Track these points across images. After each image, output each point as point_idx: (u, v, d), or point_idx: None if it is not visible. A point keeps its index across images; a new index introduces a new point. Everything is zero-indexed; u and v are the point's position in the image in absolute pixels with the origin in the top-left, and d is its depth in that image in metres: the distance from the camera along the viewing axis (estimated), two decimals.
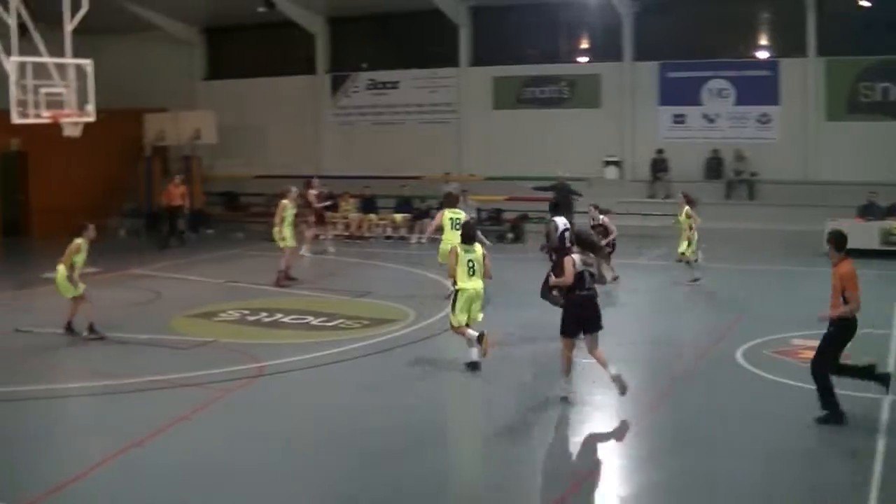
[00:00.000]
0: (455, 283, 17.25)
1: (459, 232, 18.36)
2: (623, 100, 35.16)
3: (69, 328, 20.01)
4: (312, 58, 40.09)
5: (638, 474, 12.38)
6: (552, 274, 18.11)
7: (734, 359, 17.32)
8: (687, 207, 25.42)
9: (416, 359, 18.00)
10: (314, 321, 21.10)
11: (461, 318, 16.93)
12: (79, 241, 19.76)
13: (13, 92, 19.87)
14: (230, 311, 22.17)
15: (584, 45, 37.16)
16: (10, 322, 21.43)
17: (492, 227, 33.86)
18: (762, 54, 34.66)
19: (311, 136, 40.13)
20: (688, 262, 25.25)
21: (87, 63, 21.23)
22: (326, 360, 17.89)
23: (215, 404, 15.29)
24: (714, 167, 34.06)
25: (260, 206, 39.04)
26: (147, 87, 41.66)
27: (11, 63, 19.77)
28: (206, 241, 35.85)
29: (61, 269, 19.63)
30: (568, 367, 15.08)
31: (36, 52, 20.81)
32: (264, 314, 21.89)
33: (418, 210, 34.85)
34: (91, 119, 21.49)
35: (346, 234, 34.87)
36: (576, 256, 15.16)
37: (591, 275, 15.19)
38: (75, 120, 21.18)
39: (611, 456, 13.04)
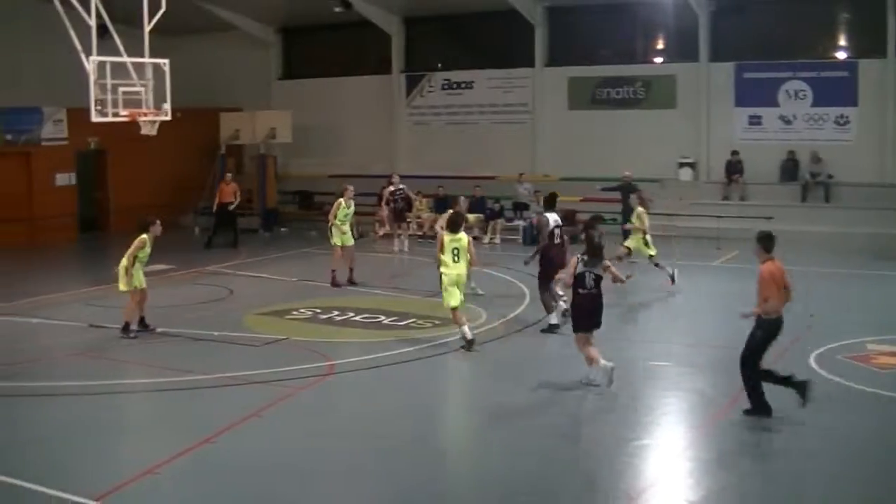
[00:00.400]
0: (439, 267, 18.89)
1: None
2: (698, 101, 34.87)
3: (142, 323, 20.29)
4: (388, 58, 40.18)
5: (707, 478, 12.28)
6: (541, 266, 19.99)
7: (807, 363, 17.09)
8: (640, 209, 25.09)
9: (488, 358, 18.01)
10: (386, 320, 21.15)
11: (453, 300, 18.39)
12: (144, 236, 20.04)
13: (92, 91, 20.12)
14: (302, 310, 22.29)
15: (660, 45, 36.94)
16: (85, 317, 21.75)
17: (565, 227, 33.65)
18: (840, 55, 34.25)
19: (386, 136, 40.23)
20: (657, 264, 24.90)
21: (165, 62, 21.47)
22: (397, 359, 17.94)
23: (286, 402, 15.39)
24: (790, 169, 33.69)
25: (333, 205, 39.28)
26: (223, 86, 42.07)
27: (91, 63, 20.02)
28: (280, 239, 36.10)
29: (124, 262, 19.94)
30: (593, 358, 15.71)
31: (115, 52, 21.05)
32: (336, 313, 21.99)
33: (491, 210, 34.78)
34: (167, 118, 21.71)
35: (420, 233, 34.90)
36: (579, 256, 16.06)
37: (597, 277, 15.88)
38: (152, 119, 21.41)
39: (679, 459, 12.95)
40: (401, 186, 32.31)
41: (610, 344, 16.84)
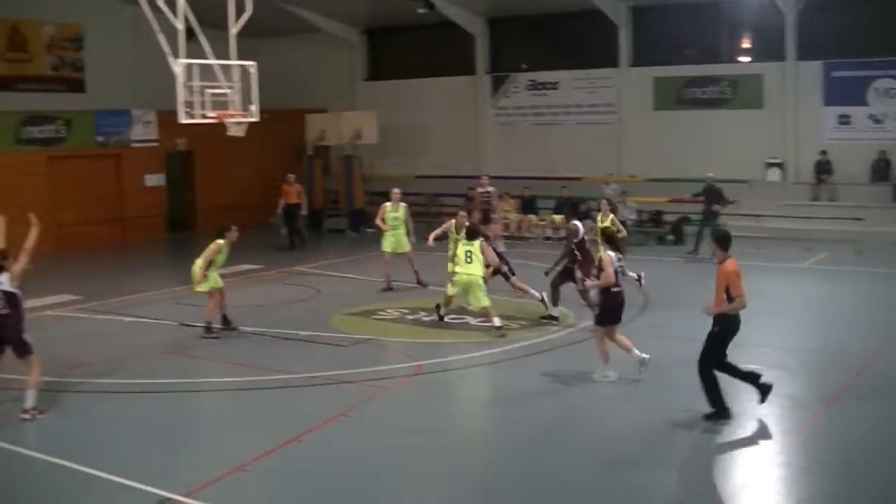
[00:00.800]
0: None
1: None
2: (786, 100, 34.45)
3: (225, 321, 20.60)
4: (472, 58, 40.20)
5: (798, 484, 12.16)
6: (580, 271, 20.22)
7: None
8: (611, 216, 24.40)
9: (574, 360, 17.96)
10: (473, 321, 21.14)
11: (485, 300, 20.12)
12: (220, 241, 20.31)
13: (180, 93, 20.36)
14: (389, 310, 22.37)
15: (746, 44, 36.54)
16: (175, 316, 22.02)
17: (652, 228, 33.59)
18: None
19: (471, 137, 40.26)
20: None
21: (251, 64, 21.68)
22: (484, 360, 17.97)
23: (373, 402, 15.46)
24: (881, 169, 33.13)
25: (419, 205, 39.39)
26: (308, 87, 42.40)
27: (179, 65, 20.26)
28: (367, 239, 36.23)
29: (199, 263, 20.22)
30: (628, 348, 16.38)
31: (202, 55, 21.30)
32: (423, 313, 22.01)
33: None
34: (254, 119, 21.92)
35: (506, 234, 34.85)
36: (612, 254, 16.27)
37: (623, 272, 16.57)
38: (239, 120, 21.64)
39: (769, 465, 12.81)
40: (489, 189, 32.12)
41: (698, 346, 16.67)
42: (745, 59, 36.32)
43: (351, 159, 39.50)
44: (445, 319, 20.97)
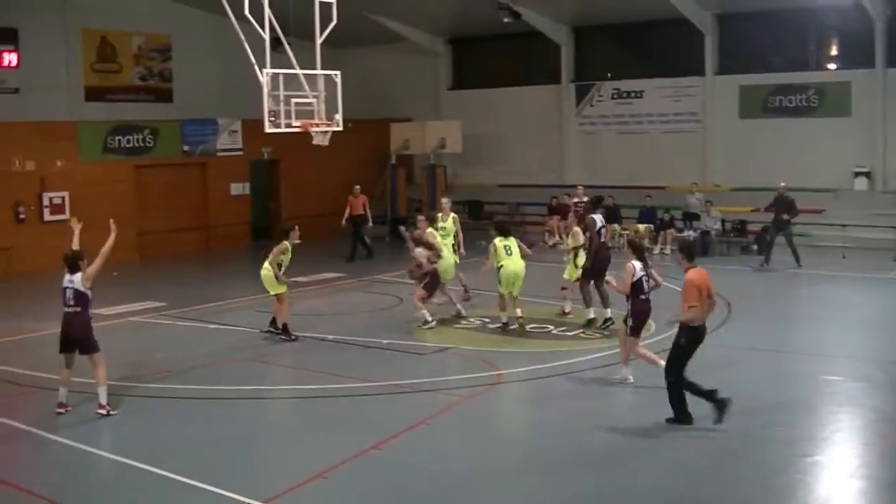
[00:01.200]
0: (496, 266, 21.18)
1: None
2: (874, 108, 33.90)
3: (282, 327, 20.92)
4: (557, 67, 40.09)
5: (881, 498, 11.98)
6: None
7: None
8: (576, 228, 22.58)
9: (655, 370, 17.83)
10: (555, 330, 21.09)
11: (504, 290, 21.06)
12: (285, 242, 20.66)
13: (266, 103, 20.54)
14: (471, 319, 22.37)
15: (834, 51, 36.11)
16: (257, 323, 22.20)
17: (736, 238, 33.28)
18: None
19: (555, 146, 40.15)
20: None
21: (336, 74, 21.82)
22: (565, 370, 17.88)
23: (453, 410, 15.46)
24: None
25: (503, 214, 39.40)
26: (393, 96, 42.58)
27: (265, 75, 20.45)
28: None
29: (267, 265, 20.55)
30: (653, 360, 16.37)
31: (288, 65, 21.48)
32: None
33: (661, 221, 34.42)
34: (339, 128, 22.05)
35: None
36: (636, 263, 16.54)
37: (650, 280, 16.69)
38: (324, 129, 21.77)
39: (852, 479, 12.60)
40: (584, 198, 31.32)
41: (781, 357, 16.60)
42: (832, 66, 35.85)
43: (434, 168, 39.57)
44: (528, 328, 20.92)
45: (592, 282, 21.53)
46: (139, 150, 34.92)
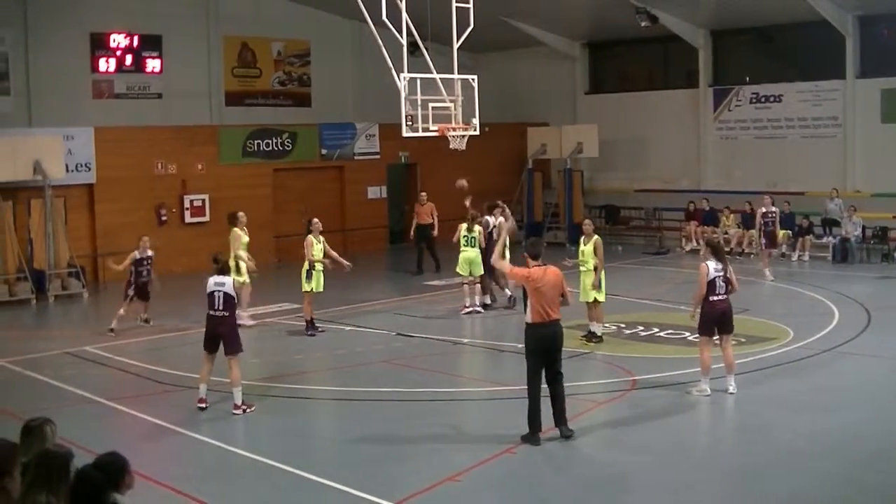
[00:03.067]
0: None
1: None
2: None
3: (312, 324, 22.06)
4: (695, 71, 39.67)
5: None
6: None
7: None
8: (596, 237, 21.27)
9: (795, 378, 17.58)
10: (691, 336, 20.80)
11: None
12: (309, 237, 21.74)
13: (403, 107, 20.69)
14: (606, 324, 22.22)
15: None
16: (393, 326, 22.37)
17: (877, 245, 32.57)
18: None
19: (692, 151, 39.69)
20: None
21: (473, 78, 21.89)
22: (700, 376, 17.68)
23: (587, 415, 15.37)
24: None
25: (640, 219, 39.17)
26: (529, 101, 42.55)
27: (402, 79, 20.60)
28: None
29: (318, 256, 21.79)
30: (706, 367, 16.29)
31: (425, 69, 21.60)
32: (640, 328, 21.88)
33: (800, 227, 33.82)
34: (476, 132, 22.12)
35: (727, 249, 34.34)
36: (710, 263, 16.16)
37: (726, 280, 16.26)
38: (461, 133, 21.85)
39: None
40: (773, 209, 29.87)
41: None
42: None
43: (571, 173, 39.46)
44: (664, 335, 20.67)
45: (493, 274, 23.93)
46: (278, 154, 35.45)
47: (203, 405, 15.98)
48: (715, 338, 16.53)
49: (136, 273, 22.63)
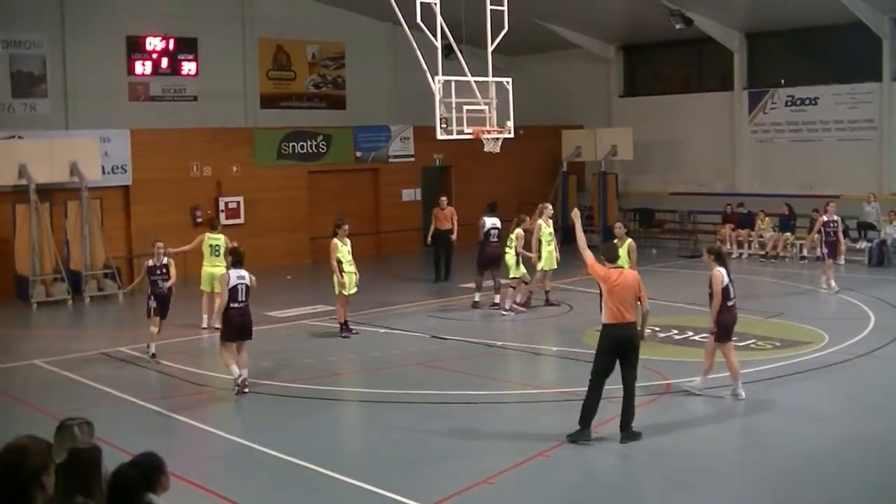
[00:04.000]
0: None
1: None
2: None
3: (348, 327, 22.29)
4: (730, 74, 39.52)
5: None
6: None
7: None
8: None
9: (830, 383, 17.50)
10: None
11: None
12: (335, 240, 21.92)
13: (438, 109, 20.69)
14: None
15: None
16: (427, 328, 22.40)
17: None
18: None
19: (727, 154, 39.52)
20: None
21: (508, 81, 21.88)
22: (731, 380, 17.61)
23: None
24: None
25: (674, 222, 39.06)
26: (564, 103, 42.52)
27: (437, 82, 20.60)
28: None
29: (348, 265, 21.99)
30: (735, 371, 16.50)
31: (459, 72, 21.61)
32: (675, 331, 21.84)
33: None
34: (510, 135, 22.11)
35: (762, 253, 34.27)
36: (722, 270, 16.37)
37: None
38: (496, 136, 21.83)
39: None
40: (835, 217, 28.30)
41: None
42: None
43: (605, 176, 39.43)
44: (698, 338, 20.61)
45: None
46: (312, 156, 35.58)
47: (246, 389, 16.91)
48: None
49: (151, 283, 20.40)
